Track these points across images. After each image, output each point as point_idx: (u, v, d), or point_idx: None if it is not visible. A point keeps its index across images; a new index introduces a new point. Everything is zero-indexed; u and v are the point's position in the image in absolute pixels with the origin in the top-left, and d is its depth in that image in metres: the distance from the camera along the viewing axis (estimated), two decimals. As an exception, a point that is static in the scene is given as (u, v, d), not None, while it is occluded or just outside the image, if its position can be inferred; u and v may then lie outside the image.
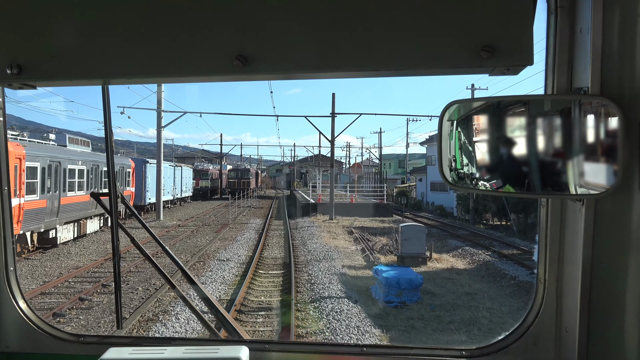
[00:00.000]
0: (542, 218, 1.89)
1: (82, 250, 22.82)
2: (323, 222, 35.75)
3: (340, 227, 33.03)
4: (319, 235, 28.10)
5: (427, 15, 1.57)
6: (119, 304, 2.58)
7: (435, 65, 1.58)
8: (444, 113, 1.64)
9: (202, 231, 30.68)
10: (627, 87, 1.52)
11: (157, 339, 3.51)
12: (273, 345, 2.13)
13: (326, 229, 31.35)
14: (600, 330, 1.68)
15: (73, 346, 2.25)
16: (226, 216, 40.02)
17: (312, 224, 34.85)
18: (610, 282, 1.64)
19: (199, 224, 34.14)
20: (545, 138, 1.65)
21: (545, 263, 1.89)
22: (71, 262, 19.75)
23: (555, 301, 1.89)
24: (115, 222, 2.41)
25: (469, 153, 1.69)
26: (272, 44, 1.64)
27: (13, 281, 2.31)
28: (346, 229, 32.28)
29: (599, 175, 1.51)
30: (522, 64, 1.54)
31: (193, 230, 30.64)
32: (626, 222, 1.55)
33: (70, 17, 1.72)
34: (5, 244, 2.26)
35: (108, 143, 2.33)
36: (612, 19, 1.54)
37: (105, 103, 2.27)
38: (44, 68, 1.73)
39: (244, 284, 15.63)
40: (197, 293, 2.56)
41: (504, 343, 2.00)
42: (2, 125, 2.21)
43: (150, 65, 1.71)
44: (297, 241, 26.10)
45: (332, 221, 36.40)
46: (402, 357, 2.06)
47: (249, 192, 69.84)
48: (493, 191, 1.75)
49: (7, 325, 2.29)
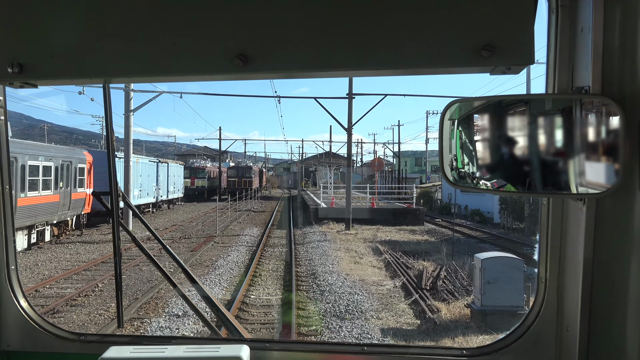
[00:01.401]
0: (543, 217, 1.91)
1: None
2: (338, 234, 27.65)
3: (362, 242, 24.94)
4: (334, 256, 20.04)
5: (428, 13, 1.55)
6: (119, 303, 2.57)
7: (436, 64, 1.57)
8: (445, 112, 1.64)
9: (174, 249, 22.61)
10: (628, 86, 1.52)
11: (157, 338, 3.01)
12: (274, 344, 2.15)
13: (343, 245, 23.27)
14: (601, 329, 1.69)
15: (74, 345, 2.28)
16: (217, 224, 32.05)
17: (324, 236, 26.77)
18: (611, 282, 1.64)
19: (176, 236, 26.18)
20: (546, 137, 1.64)
21: (546, 262, 1.91)
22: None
23: (556, 300, 1.90)
24: (116, 221, 2.41)
25: (470, 152, 1.69)
26: (273, 43, 1.63)
27: (14, 280, 2.34)
28: (369, 244, 24.18)
29: (600, 175, 1.52)
30: (523, 63, 1.53)
31: (162, 248, 22.65)
32: (627, 221, 1.56)
33: (71, 16, 1.72)
34: (6, 243, 2.29)
35: (109, 142, 2.38)
36: (613, 17, 1.54)
37: (106, 102, 2.28)
38: (44, 67, 1.73)
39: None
40: (198, 292, 2.58)
41: (504, 342, 2.02)
42: (3, 124, 2.25)
43: (151, 64, 1.70)
44: (303, 268, 18.05)
45: (349, 232, 28.30)
46: (402, 356, 2.07)
47: (251, 193, 61.85)
48: (494, 190, 1.75)
49: (8, 323, 2.32)
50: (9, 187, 2.25)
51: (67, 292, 14.38)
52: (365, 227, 30.69)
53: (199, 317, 2.59)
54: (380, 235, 27.35)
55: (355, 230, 29.32)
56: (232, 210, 40.90)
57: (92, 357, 2.06)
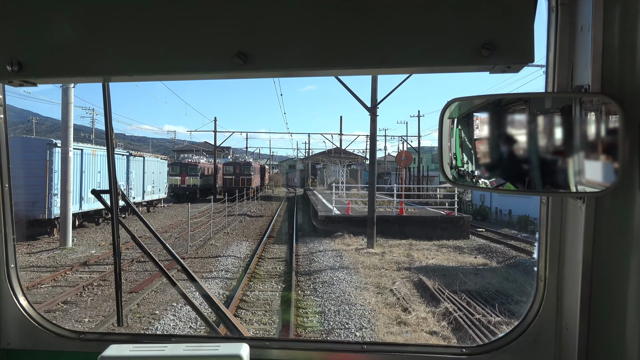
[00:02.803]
0: (543, 216, 1.90)
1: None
2: (358, 254, 19.77)
3: (395, 268, 17.09)
4: (360, 305, 12.12)
5: (427, 12, 1.54)
6: (119, 301, 2.52)
7: (436, 63, 1.56)
8: (445, 111, 1.64)
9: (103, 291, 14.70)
10: (628, 84, 1.53)
11: (157, 336, 2.97)
12: (273, 343, 2.14)
13: (370, 278, 15.39)
14: (601, 328, 1.69)
15: (74, 343, 2.27)
16: (196, 236, 24.24)
17: (339, 258, 18.89)
18: (610, 280, 1.64)
19: (130, 258, 18.28)
20: (545, 136, 1.63)
21: (546, 261, 1.90)
22: None
23: (555, 299, 1.90)
24: (115, 219, 2.39)
25: (470, 151, 1.68)
26: (273, 41, 1.61)
27: (14, 278, 2.33)
28: (407, 272, 16.43)
29: (599, 173, 1.52)
30: (523, 62, 1.52)
31: (87, 284, 14.60)
32: (627, 220, 1.57)
33: (70, 14, 1.70)
34: (6, 241, 2.28)
35: (108, 139, 2.37)
36: (613, 16, 1.54)
37: (105, 100, 2.26)
38: (44, 65, 1.72)
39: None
40: (197, 290, 2.56)
41: (504, 341, 2.00)
42: (3, 123, 2.22)
43: (151, 62, 1.69)
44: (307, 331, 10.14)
45: (373, 251, 20.40)
46: (402, 355, 2.06)
47: (250, 193, 53.97)
48: (493, 189, 1.74)
49: (8, 322, 2.32)
50: (9, 185, 2.24)
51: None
52: (392, 242, 22.79)
53: (199, 316, 2.55)
54: (417, 257, 19.40)
55: (380, 247, 21.40)
56: (224, 214, 33.08)
57: (91, 356, 2.03)
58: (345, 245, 21.83)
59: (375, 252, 20.35)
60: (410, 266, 17.53)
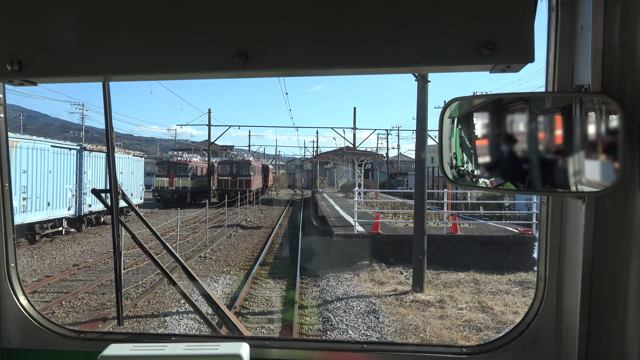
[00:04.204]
0: (543, 215, 1.90)
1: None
2: (402, 306, 12.06)
3: (468, 333, 9.28)
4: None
5: (427, 11, 1.54)
6: (119, 301, 2.56)
7: (436, 62, 1.57)
8: (445, 110, 1.65)
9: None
10: (628, 84, 1.53)
11: (157, 336, 3.02)
12: (274, 342, 2.14)
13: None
14: (601, 327, 1.68)
15: (74, 342, 2.28)
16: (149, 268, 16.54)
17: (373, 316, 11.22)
18: (610, 280, 1.64)
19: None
20: (546, 135, 1.65)
21: (546, 260, 1.89)
22: None
23: (555, 298, 1.89)
24: (116, 219, 2.39)
25: (470, 150, 1.69)
26: (273, 41, 1.63)
27: (14, 277, 2.33)
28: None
29: (599, 173, 1.51)
30: (523, 62, 1.53)
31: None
32: (627, 219, 1.56)
33: (70, 14, 1.72)
34: (6, 241, 2.29)
35: (109, 139, 2.38)
36: (613, 16, 1.54)
37: (105, 100, 2.26)
38: (44, 65, 1.73)
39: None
40: (197, 290, 2.57)
41: (504, 340, 2.00)
42: (3, 122, 2.24)
43: (151, 61, 1.70)
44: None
45: (424, 298, 12.70)
46: (402, 354, 2.05)
47: (250, 196, 46.34)
48: (494, 188, 1.74)
49: (8, 321, 2.32)
50: (9, 184, 2.27)
51: None
52: (447, 277, 15.20)
53: (199, 315, 2.55)
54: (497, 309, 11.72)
55: (433, 288, 13.73)
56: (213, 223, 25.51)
57: (92, 355, 2.03)
58: (377, 286, 14.16)
59: (427, 299, 12.67)
60: (496, 327, 9.89)
